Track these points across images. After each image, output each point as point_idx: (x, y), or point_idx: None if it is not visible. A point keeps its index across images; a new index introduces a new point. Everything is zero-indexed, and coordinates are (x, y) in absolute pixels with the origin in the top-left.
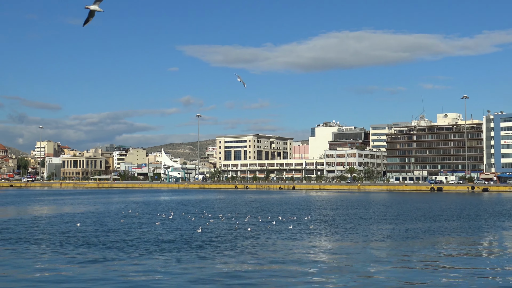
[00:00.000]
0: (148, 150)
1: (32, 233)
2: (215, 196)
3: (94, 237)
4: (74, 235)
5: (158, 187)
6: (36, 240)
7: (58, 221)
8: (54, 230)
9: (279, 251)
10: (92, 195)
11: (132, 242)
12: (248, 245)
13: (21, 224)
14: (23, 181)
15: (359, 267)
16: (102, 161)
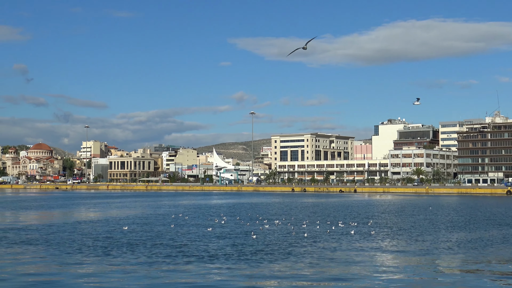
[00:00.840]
0: (199, 150)
1: (77, 238)
2: (270, 200)
3: (140, 243)
4: (120, 240)
5: (209, 189)
6: (80, 246)
7: (103, 225)
8: (99, 235)
9: (338, 259)
10: (140, 198)
11: (181, 248)
12: (304, 253)
13: (66, 229)
14: (69, 183)
15: (426, 279)
16: (150, 162)
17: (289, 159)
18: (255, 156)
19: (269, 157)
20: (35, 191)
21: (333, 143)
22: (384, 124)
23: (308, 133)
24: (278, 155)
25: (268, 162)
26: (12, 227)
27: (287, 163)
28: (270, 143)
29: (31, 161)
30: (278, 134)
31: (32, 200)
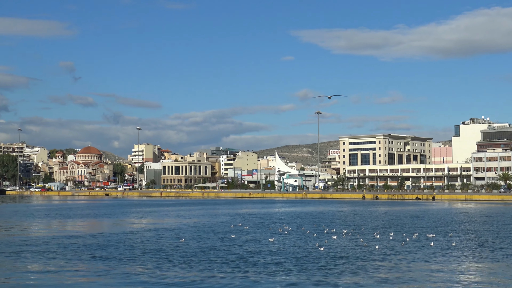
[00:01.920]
0: (260, 154)
1: (126, 249)
2: (338, 208)
3: (195, 255)
4: (173, 252)
5: (271, 196)
6: (130, 258)
7: (156, 236)
8: (150, 246)
9: (414, 276)
10: (196, 206)
11: (239, 261)
12: (375, 267)
13: (115, 240)
14: (119, 189)
15: None
16: (207, 167)
17: (359, 163)
18: (322, 160)
19: (337, 161)
20: (84, 198)
21: (408, 145)
22: (465, 123)
23: (380, 134)
24: (347, 159)
25: (335, 166)
26: (57, 238)
27: (357, 167)
28: (338, 145)
29: (79, 166)
30: (347, 136)
31: (80, 208)
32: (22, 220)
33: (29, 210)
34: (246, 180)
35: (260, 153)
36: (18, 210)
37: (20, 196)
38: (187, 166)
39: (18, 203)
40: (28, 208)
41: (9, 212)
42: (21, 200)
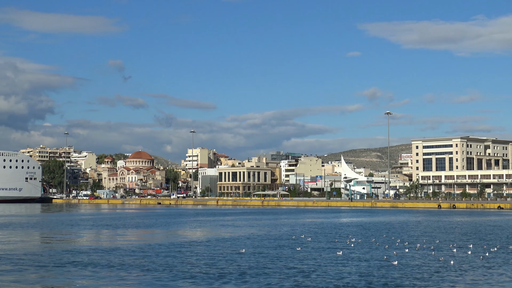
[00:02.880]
0: (324, 159)
1: (178, 262)
2: (411, 218)
3: (254, 268)
4: (228, 266)
5: (336, 205)
6: (184, 273)
7: (211, 248)
8: (205, 260)
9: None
10: (255, 215)
11: (300, 276)
12: (452, 284)
13: (166, 252)
14: (173, 197)
15: None
16: (266, 173)
17: (434, 168)
18: (392, 165)
19: (409, 166)
20: (134, 206)
21: (489, 149)
22: None
23: (457, 137)
24: (420, 164)
25: (408, 172)
26: (104, 249)
27: (431, 173)
28: (410, 149)
29: (130, 172)
30: (420, 139)
31: (130, 218)
32: (68, 230)
33: (76, 219)
34: (309, 188)
35: (325, 158)
36: (65, 219)
37: (67, 205)
38: (245, 172)
39: (64, 212)
40: (75, 217)
41: (55, 222)
42: (68, 209)
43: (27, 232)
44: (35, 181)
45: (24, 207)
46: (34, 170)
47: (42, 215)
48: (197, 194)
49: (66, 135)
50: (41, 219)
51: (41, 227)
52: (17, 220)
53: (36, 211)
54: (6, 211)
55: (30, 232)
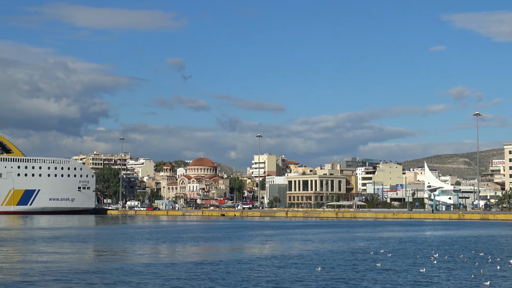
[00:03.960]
0: (405, 165)
1: (243, 280)
2: (504, 232)
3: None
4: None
5: (419, 217)
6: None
7: (279, 264)
8: (274, 277)
9: None
10: (329, 228)
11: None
12: None
13: (230, 268)
14: (238, 208)
15: None
16: (341, 181)
17: None
18: (482, 173)
19: (501, 174)
20: (196, 218)
21: None
22: None
23: None
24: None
25: (499, 180)
26: (161, 266)
27: None
28: (502, 154)
29: (191, 181)
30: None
31: (191, 231)
32: (123, 245)
33: (132, 232)
34: (388, 198)
35: (406, 165)
36: (120, 232)
37: (123, 216)
38: (317, 180)
39: (120, 225)
40: (131, 230)
41: (109, 235)
42: (124, 221)
43: (79, 247)
44: (88, 190)
45: (77, 219)
46: (88, 179)
47: (95, 227)
48: (264, 204)
49: (122, 140)
50: (94, 232)
51: (94, 241)
52: (69, 233)
53: (89, 224)
54: (57, 223)
55: (82, 246)
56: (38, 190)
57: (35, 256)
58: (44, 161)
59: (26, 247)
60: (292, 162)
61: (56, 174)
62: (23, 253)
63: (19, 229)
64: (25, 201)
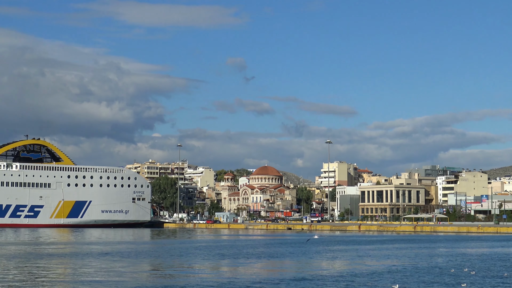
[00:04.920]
0: (491, 174)
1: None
2: None
3: None
4: None
5: (508, 232)
6: None
7: (351, 284)
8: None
9: None
10: (406, 243)
11: None
12: None
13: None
14: (305, 221)
15: None
16: (419, 192)
17: None
18: None
19: None
20: (260, 232)
21: None
22: None
23: None
24: None
25: None
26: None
27: None
28: None
29: (254, 192)
30: None
31: (254, 245)
32: (181, 261)
33: (190, 247)
34: (472, 210)
35: (491, 173)
36: (178, 247)
37: (181, 230)
38: (393, 190)
39: (178, 239)
40: (189, 244)
41: (166, 250)
42: (182, 235)
43: (133, 263)
44: (143, 202)
45: (131, 232)
46: (143, 189)
47: (151, 242)
48: (334, 217)
49: (179, 147)
50: (149, 247)
51: (149, 257)
52: (123, 248)
53: (145, 238)
54: (110, 236)
55: (137, 262)
56: (90, 201)
57: (84, 273)
58: (96, 170)
59: (75, 262)
60: (365, 171)
61: (108, 184)
62: (72, 269)
63: (69, 243)
64: (75, 213)
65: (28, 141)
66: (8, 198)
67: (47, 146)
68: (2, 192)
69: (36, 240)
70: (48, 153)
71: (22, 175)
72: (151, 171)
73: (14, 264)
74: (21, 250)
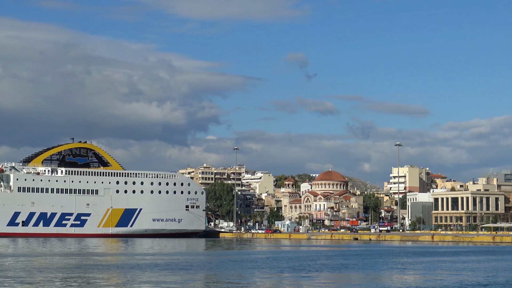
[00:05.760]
0: None
1: None
2: None
3: None
4: None
5: None
6: None
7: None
8: None
9: None
10: (484, 255)
11: None
12: None
13: None
14: (373, 231)
15: None
16: (498, 198)
17: None
18: None
19: None
20: (324, 243)
21: None
22: None
23: None
24: None
25: None
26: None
27: None
28: None
29: (317, 199)
30: None
31: (317, 257)
32: (238, 274)
33: (248, 259)
34: None
35: None
36: (235, 259)
37: (238, 240)
38: (469, 197)
39: (235, 250)
40: (247, 256)
41: (222, 262)
42: (240, 246)
43: (186, 276)
44: (197, 210)
45: (185, 242)
46: (197, 196)
47: (206, 253)
48: (405, 226)
49: (235, 150)
50: (205, 258)
51: (204, 269)
52: (177, 260)
53: (199, 248)
54: (162, 247)
55: (190, 276)
56: (140, 209)
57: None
58: (147, 176)
59: (124, 275)
60: (439, 176)
61: (160, 190)
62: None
63: (118, 254)
64: (125, 222)
65: (74, 145)
66: (53, 206)
67: (94, 150)
68: (46, 199)
69: (83, 251)
70: (96, 157)
71: (68, 181)
72: (205, 177)
73: (61, 276)
74: (68, 261)
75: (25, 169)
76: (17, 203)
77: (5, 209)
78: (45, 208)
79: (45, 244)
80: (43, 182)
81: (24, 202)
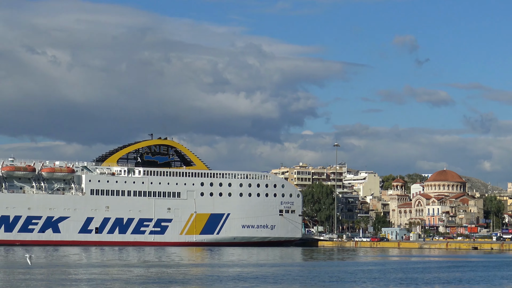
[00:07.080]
0: None
1: None
2: None
3: None
4: None
5: None
6: None
7: None
8: None
9: None
10: None
11: None
12: None
13: None
14: (495, 239)
15: None
16: None
17: None
18: None
19: None
20: (437, 253)
21: None
22: None
23: None
24: None
25: None
26: None
27: None
28: None
29: (430, 202)
30: None
31: (431, 269)
32: (340, 287)
33: (351, 270)
34: None
35: None
36: (335, 270)
37: (339, 249)
38: None
39: (335, 260)
40: (350, 267)
41: (322, 274)
42: (341, 256)
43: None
44: (293, 215)
45: (279, 252)
46: (292, 199)
47: (304, 264)
48: None
49: (336, 147)
50: (303, 270)
51: (302, 282)
52: (271, 271)
53: (296, 259)
54: (254, 256)
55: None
56: (228, 214)
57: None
58: (235, 176)
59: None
60: None
61: (250, 193)
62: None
63: (203, 265)
64: (210, 229)
65: (153, 141)
66: (130, 211)
67: (175, 147)
68: (123, 203)
69: (164, 262)
70: (177, 155)
71: (147, 182)
72: (301, 177)
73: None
74: (148, 273)
75: (99, 169)
76: (90, 207)
77: (77, 214)
78: (121, 213)
79: (121, 253)
80: (119, 183)
81: (98, 206)
